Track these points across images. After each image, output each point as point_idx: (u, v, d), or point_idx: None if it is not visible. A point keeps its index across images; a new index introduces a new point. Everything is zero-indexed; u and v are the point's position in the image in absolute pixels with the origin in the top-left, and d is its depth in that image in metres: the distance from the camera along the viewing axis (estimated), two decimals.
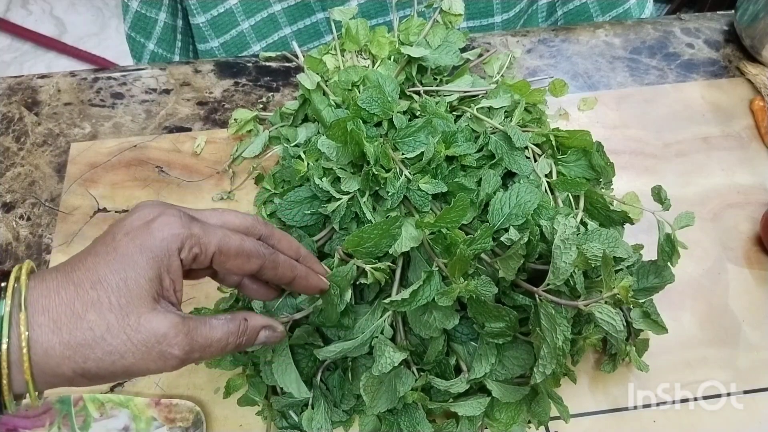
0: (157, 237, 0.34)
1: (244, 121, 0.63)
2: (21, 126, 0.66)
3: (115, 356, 0.32)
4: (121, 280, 0.33)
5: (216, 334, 0.36)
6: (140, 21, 0.77)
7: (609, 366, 0.52)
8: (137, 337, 0.32)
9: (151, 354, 0.33)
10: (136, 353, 0.32)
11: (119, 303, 0.32)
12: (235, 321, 0.37)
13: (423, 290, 0.43)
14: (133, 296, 0.33)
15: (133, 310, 0.32)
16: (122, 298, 0.32)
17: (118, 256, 0.33)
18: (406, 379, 0.46)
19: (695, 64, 0.71)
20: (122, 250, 0.33)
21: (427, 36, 0.61)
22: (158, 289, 0.34)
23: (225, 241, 0.36)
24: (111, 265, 0.33)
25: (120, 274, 0.33)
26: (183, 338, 0.34)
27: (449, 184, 0.50)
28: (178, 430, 0.50)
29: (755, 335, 0.55)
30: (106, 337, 0.32)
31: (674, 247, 0.48)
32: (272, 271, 0.39)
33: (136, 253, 0.33)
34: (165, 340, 0.33)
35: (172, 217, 0.35)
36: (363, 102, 0.52)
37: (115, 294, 0.32)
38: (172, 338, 0.33)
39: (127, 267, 0.33)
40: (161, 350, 0.33)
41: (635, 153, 0.65)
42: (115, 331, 0.32)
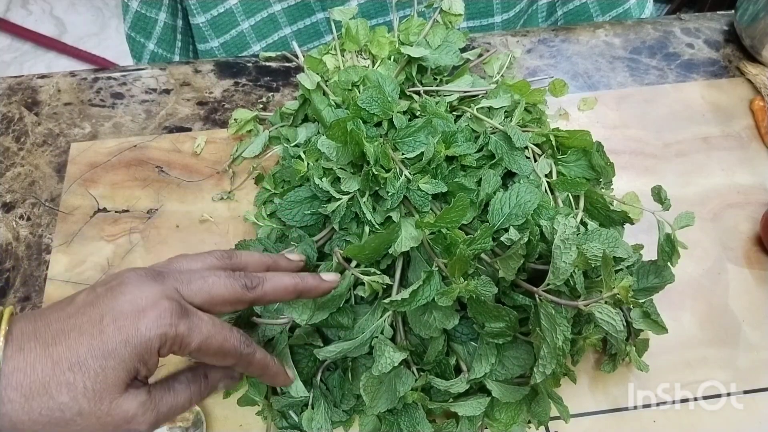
0: (144, 335, 0.34)
1: (244, 121, 0.63)
2: (21, 126, 0.66)
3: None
4: (100, 367, 0.33)
5: (180, 400, 0.38)
6: (140, 21, 0.77)
7: (609, 366, 0.52)
8: (107, 421, 0.33)
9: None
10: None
11: (94, 389, 0.33)
12: (197, 382, 0.39)
13: (423, 290, 0.43)
14: (109, 384, 0.33)
15: (107, 397, 0.33)
16: (98, 384, 0.33)
17: (102, 343, 0.33)
18: (406, 379, 0.46)
19: (695, 64, 0.71)
20: (107, 338, 0.34)
21: (427, 36, 0.61)
22: (133, 377, 0.35)
23: (206, 342, 0.36)
24: (93, 350, 0.33)
25: (100, 362, 0.33)
26: (149, 414, 0.35)
27: (449, 184, 0.50)
28: (178, 430, 0.50)
29: (755, 335, 0.55)
30: (76, 419, 0.33)
31: (674, 247, 0.48)
32: (243, 369, 0.41)
33: (120, 344, 0.34)
34: (133, 419, 0.34)
35: (163, 311, 0.35)
36: (363, 102, 0.52)
37: (92, 380, 0.33)
38: (140, 417, 0.34)
39: (109, 357, 0.33)
40: (129, 429, 0.34)
41: (635, 153, 0.65)
42: (86, 414, 0.33)
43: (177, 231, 0.60)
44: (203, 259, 0.41)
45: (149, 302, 0.35)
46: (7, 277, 0.57)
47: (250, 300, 0.40)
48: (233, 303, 0.39)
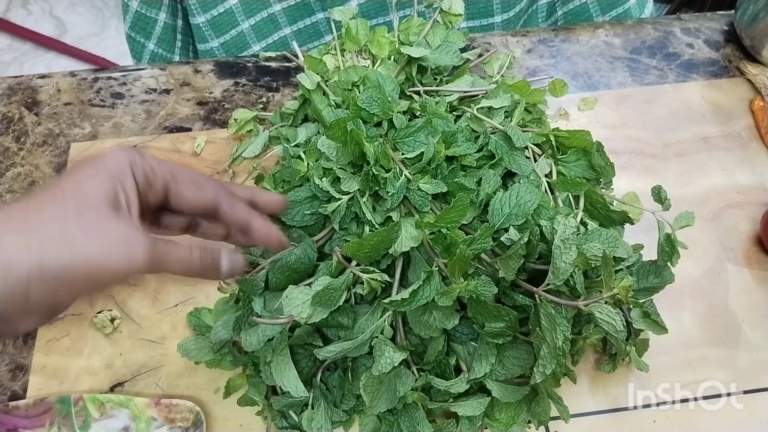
0: (108, 158, 0.34)
1: (244, 121, 0.63)
2: (21, 126, 0.66)
3: (75, 246, 0.30)
4: (76, 183, 0.32)
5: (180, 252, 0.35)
6: (140, 21, 0.77)
7: (609, 366, 0.52)
8: (97, 233, 0.31)
9: (116, 253, 0.32)
10: (97, 246, 0.31)
11: (75, 205, 0.31)
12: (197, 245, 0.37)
13: (423, 290, 0.43)
14: (90, 197, 0.32)
15: (91, 209, 0.32)
16: (78, 196, 0.32)
17: (72, 176, 0.33)
18: (406, 379, 0.46)
19: (695, 64, 0.71)
20: (75, 173, 0.33)
21: (427, 36, 0.61)
22: (115, 201, 0.33)
23: (178, 169, 0.37)
24: (65, 177, 0.33)
25: (74, 179, 0.32)
26: (144, 241, 0.33)
27: (449, 184, 0.50)
28: (178, 430, 0.50)
29: (755, 335, 0.55)
30: (65, 226, 0.31)
31: (674, 247, 0.48)
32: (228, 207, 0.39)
33: (90, 166, 0.33)
34: (127, 240, 0.32)
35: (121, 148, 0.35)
36: (363, 102, 0.52)
37: (71, 193, 0.32)
38: (134, 241, 0.32)
39: (82, 175, 0.33)
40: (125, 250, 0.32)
41: (635, 153, 0.65)
42: (74, 221, 0.31)
43: None
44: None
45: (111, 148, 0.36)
46: None
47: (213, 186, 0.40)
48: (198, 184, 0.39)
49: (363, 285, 0.46)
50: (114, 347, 0.54)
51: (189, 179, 0.37)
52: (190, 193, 0.37)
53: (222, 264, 0.39)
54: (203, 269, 0.37)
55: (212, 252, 0.38)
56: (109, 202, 0.33)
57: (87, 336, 0.54)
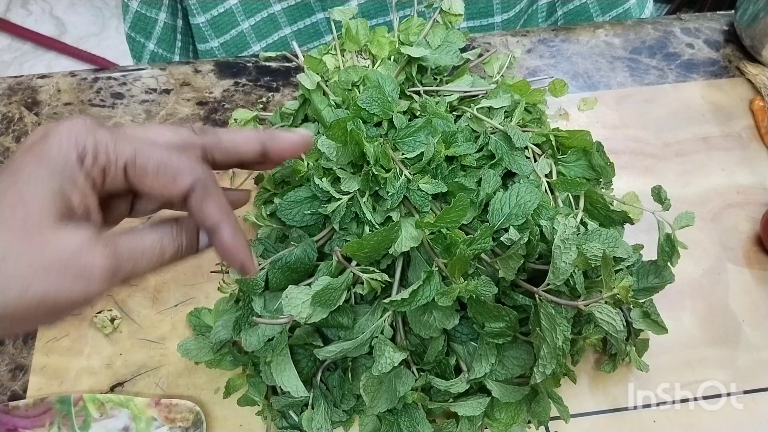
0: (54, 144, 0.28)
1: (244, 121, 0.63)
2: (21, 126, 0.66)
3: (21, 285, 0.26)
4: (15, 195, 0.27)
5: (146, 240, 0.30)
6: (140, 21, 0.77)
7: (609, 366, 0.52)
8: (43, 258, 0.26)
9: (66, 276, 0.27)
10: (45, 278, 0.26)
11: (14, 219, 0.26)
12: (166, 225, 0.32)
13: (423, 290, 0.43)
14: (34, 210, 0.27)
15: (34, 226, 0.27)
16: (18, 211, 0.27)
17: (12, 170, 0.28)
18: (406, 379, 0.46)
19: (695, 64, 0.71)
20: (17, 164, 0.28)
21: (427, 36, 0.61)
22: (65, 206, 0.28)
23: (143, 152, 0.29)
24: (5, 180, 0.27)
25: (14, 189, 0.27)
26: (102, 249, 0.28)
27: (449, 184, 0.50)
28: (178, 430, 0.50)
29: (755, 335, 0.55)
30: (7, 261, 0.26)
31: (674, 247, 0.48)
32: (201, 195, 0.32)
33: (32, 165, 0.28)
34: (80, 254, 0.27)
35: (75, 124, 0.29)
36: (363, 102, 0.52)
37: (10, 209, 0.27)
38: (88, 251, 0.27)
39: (22, 180, 0.27)
40: (78, 267, 0.27)
41: (635, 153, 0.65)
42: (16, 254, 0.26)
43: None
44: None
45: (63, 120, 0.29)
46: None
47: (201, 143, 0.33)
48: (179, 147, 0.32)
49: (363, 285, 0.46)
50: (114, 347, 0.54)
51: (155, 166, 0.30)
52: (158, 186, 0.30)
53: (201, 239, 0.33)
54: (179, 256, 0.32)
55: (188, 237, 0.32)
56: (56, 209, 0.28)
57: (87, 336, 0.54)
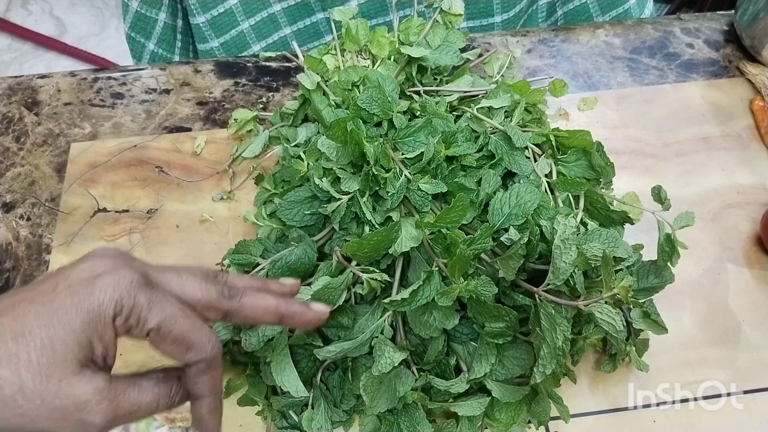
0: (98, 298, 0.30)
1: (244, 121, 0.63)
2: (21, 126, 0.66)
3: (25, 420, 0.28)
4: (47, 337, 0.29)
5: (145, 398, 0.32)
6: (140, 21, 0.77)
7: (609, 366, 0.52)
8: (54, 403, 0.29)
9: (67, 422, 0.29)
10: (49, 419, 0.29)
11: (39, 362, 0.28)
12: (168, 382, 0.34)
13: (423, 290, 0.43)
14: (58, 357, 0.29)
15: (55, 372, 0.29)
16: (44, 357, 0.29)
17: (51, 310, 0.29)
18: (406, 379, 0.46)
19: (695, 64, 0.71)
20: (58, 304, 0.30)
21: (427, 36, 0.61)
22: (87, 355, 0.30)
23: (169, 324, 0.32)
24: (41, 318, 0.29)
25: (47, 331, 0.29)
26: (107, 405, 0.30)
27: (449, 184, 0.50)
28: (178, 430, 0.50)
29: (755, 335, 0.55)
30: (17, 398, 0.28)
31: (674, 247, 0.48)
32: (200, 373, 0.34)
33: (71, 311, 0.30)
34: (86, 407, 0.29)
35: (122, 278, 0.31)
36: (363, 102, 0.52)
37: (37, 352, 0.28)
38: (94, 405, 0.30)
39: (58, 325, 0.29)
40: (80, 418, 0.29)
41: (635, 153, 0.65)
42: (28, 393, 0.28)
43: (177, 231, 0.60)
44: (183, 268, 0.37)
45: (109, 268, 0.31)
46: (7, 277, 0.57)
47: (225, 309, 0.36)
48: (205, 307, 0.35)
49: (363, 285, 0.46)
50: None
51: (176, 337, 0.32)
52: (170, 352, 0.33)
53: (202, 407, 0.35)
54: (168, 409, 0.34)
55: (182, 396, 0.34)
56: (80, 356, 0.30)
57: None
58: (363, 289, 0.46)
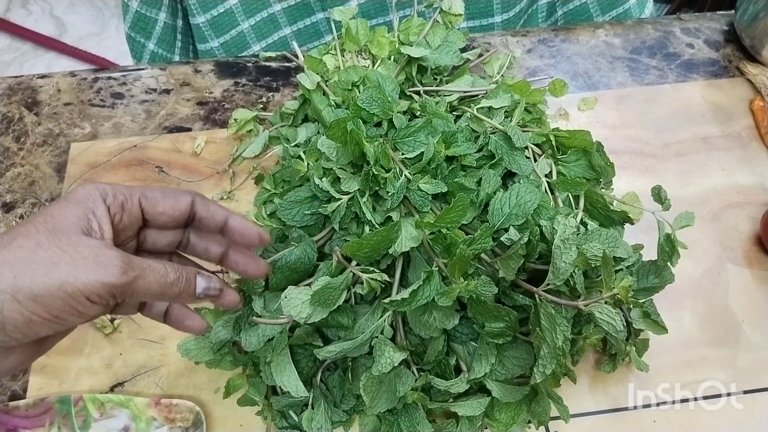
0: (78, 190, 0.35)
1: (244, 121, 0.63)
2: (21, 126, 0.66)
3: (48, 266, 0.31)
4: (48, 215, 0.33)
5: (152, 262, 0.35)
6: (140, 21, 0.77)
7: (609, 366, 0.52)
8: (70, 249, 0.32)
9: (88, 262, 0.32)
10: (70, 262, 0.31)
11: (47, 228, 0.32)
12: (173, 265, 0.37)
13: (423, 290, 0.43)
14: (61, 224, 0.33)
15: (62, 234, 0.33)
16: (50, 224, 0.33)
17: (42, 211, 0.34)
18: (406, 379, 0.46)
19: (695, 64, 0.71)
20: (46, 208, 0.34)
21: (427, 36, 0.61)
22: (86, 228, 0.34)
23: (148, 189, 0.38)
24: (35, 217, 0.33)
25: (46, 217, 0.33)
26: (117, 252, 0.33)
27: (449, 184, 0.50)
28: (178, 430, 0.50)
29: (755, 335, 0.55)
30: (37, 251, 0.31)
31: (674, 247, 0.48)
32: (204, 208, 0.40)
33: (61, 201, 0.34)
34: (100, 249, 0.33)
35: (90, 183, 0.37)
36: (363, 102, 0.52)
37: (42, 224, 0.33)
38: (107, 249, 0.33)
39: (52, 209, 0.34)
40: (97, 257, 0.32)
41: (635, 153, 0.65)
42: (45, 245, 0.32)
43: None
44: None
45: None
46: None
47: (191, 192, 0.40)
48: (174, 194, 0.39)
49: (363, 285, 0.46)
50: (114, 347, 0.54)
51: (161, 193, 0.38)
52: (165, 203, 0.38)
53: (198, 284, 0.38)
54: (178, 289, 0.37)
55: (187, 273, 0.37)
56: (80, 227, 0.34)
57: (87, 336, 0.54)
58: (363, 289, 0.46)
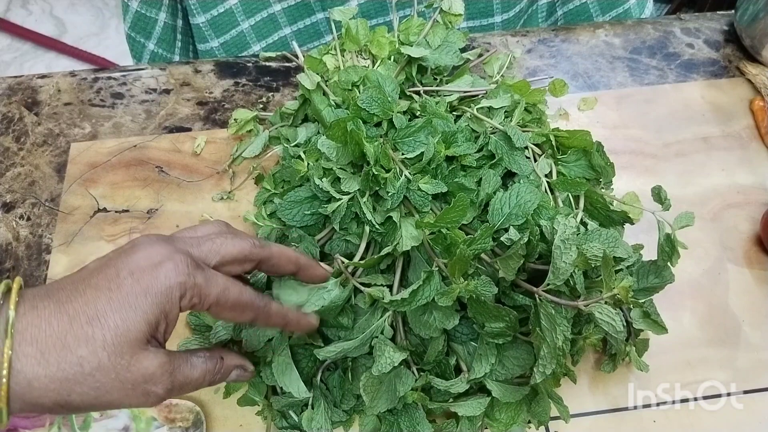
0: (164, 284, 0.34)
1: (244, 121, 0.63)
2: (21, 126, 0.66)
3: (101, 392, 0.32)
4: (120, 320, 0.32)
5: (195, 374, 0.37)
6: (140, 21, 0.77)
7: (609, 366, 0.52)
8: (126, 377, 0.33)
9: (136, 392, 0.33)
10: (121, 390, 0.33)
11: (114, 342, 0.32)
12: (213, 360, 0.39)
13: (423, 290, 0.43)
14: (130, 338, 0.32)
15: (127, 350, 0.32)
16: (118, 338, 0.32)
17: (121, 296, 0.33)
18: (406, 379, 0.46)
19: (695, 64, 0.71)
20: (126, 290, 0.33)
21: (427, 36, 0.61)
22: (153, 333, 0.34)
23: (224, 294, 0.37)
24: (112, 303, 0.33)
25: (120, 314, 0.32)
26: (167, 378, 0.34)
27: (449, 184, 0.50)
28: (178, 430, 0.50)
29: (755, 335, 0.55)
30: (95, 374, 0.32)
31: (674, 247, 0.48)
32: (263, 322, 0.41)
33: (140, 295, 0.33)
34: (152, 379, 0.34)
35: (179, 262, 0.35)
36: (363, 102, 0.52)
37: (111, 333, 0.32)
38: (158, 378, 0.34)
39: (129, 308, 0.33)
40: (146, 389, 0.34)
41: (635, 153, 0.65)
42: (105, 369, 0.32)
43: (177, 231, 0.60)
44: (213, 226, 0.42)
45: (164, 257, 0.35)
46: (7, 277, 0.57)
47: (258, 256, 0.40)
48: (242, 261, 0.40)
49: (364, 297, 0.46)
50: None
51: (233, 303, 0.37)
52: (230, 317, 0.39)
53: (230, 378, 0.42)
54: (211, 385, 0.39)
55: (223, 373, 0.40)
56: (148, 336, 0.34)
57: None
58: (364, 302, 0.47)
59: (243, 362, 0.42)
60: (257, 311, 0.39)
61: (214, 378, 0.39)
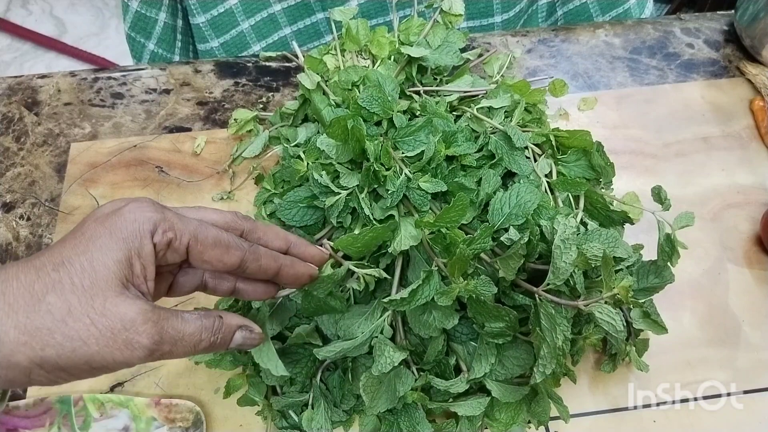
0: (128, 219, 0.32)
1: (244, 121, 0.63)
2: (21, 126, 0.66)
3: (77, 342, 0.30)
4: (86, 260, 0.31)
5: (188, 328, 0.33)
6: (140, 21, 0.77)
7: (609, 366, 0.52)
8: (102, 322, 0.30)
9: (117, 341, 0.30)
10: (99, 339, 0.30)
11: (83, 284, 0.30)
12: (210, 317, 0.35)
13: (422, 290, 0.43)
14: (99, 278, 0.30)
15: (99, 293, 0.30)
16: (86, 279, 0.30)
17: (84, 239, 0.31)
18: (406, 379, 0.46)
19: (695, 64, 0.71)
20: (89, 233, 0.32)
21: (427, 36, 0.61)
22: (127, 274, 0.32)
23: (201, 230, 0.34)
24: (76, 247, 0.31)
25: (85, 255, 0.31)
26: (152, 327, 0.31)
27: (449, 183, 0.50)
28: (178, 430, 0.50)
29: (755, 335, 0.55)
30: (67, 320, 0.30)
31: (674, 247, 0.48)
32: (255, 264, 0.37)
33: (104, 234, 0.31)
34: (132, 326, 0.31)
35: (145, 202, 0.33)
36: (363, 101, 0.52)
37: (79, 275, 0.30)
38: (140, 325, 0.31)
39: (94, 248, 0.31)
40: (127, 338, 0.30)
41: (635, 153, 0.65)
42: (77, 313, 0.30)
43: None
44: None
45: (129, 201, 0.33)
46: None
47: (240, 225, 0.38)
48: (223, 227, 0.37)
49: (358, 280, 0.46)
50: None
51: (213, 241, 0.35)
52: (215, 258, 0.35)
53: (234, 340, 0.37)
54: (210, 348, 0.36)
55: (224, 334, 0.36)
56: (121, 278, 0.31)
57: None
58: (359, 285, 0.46)
59: (246, 322, 0.38)
60: (244, 250, 0.36)
61: (215, 338, 0.35)
